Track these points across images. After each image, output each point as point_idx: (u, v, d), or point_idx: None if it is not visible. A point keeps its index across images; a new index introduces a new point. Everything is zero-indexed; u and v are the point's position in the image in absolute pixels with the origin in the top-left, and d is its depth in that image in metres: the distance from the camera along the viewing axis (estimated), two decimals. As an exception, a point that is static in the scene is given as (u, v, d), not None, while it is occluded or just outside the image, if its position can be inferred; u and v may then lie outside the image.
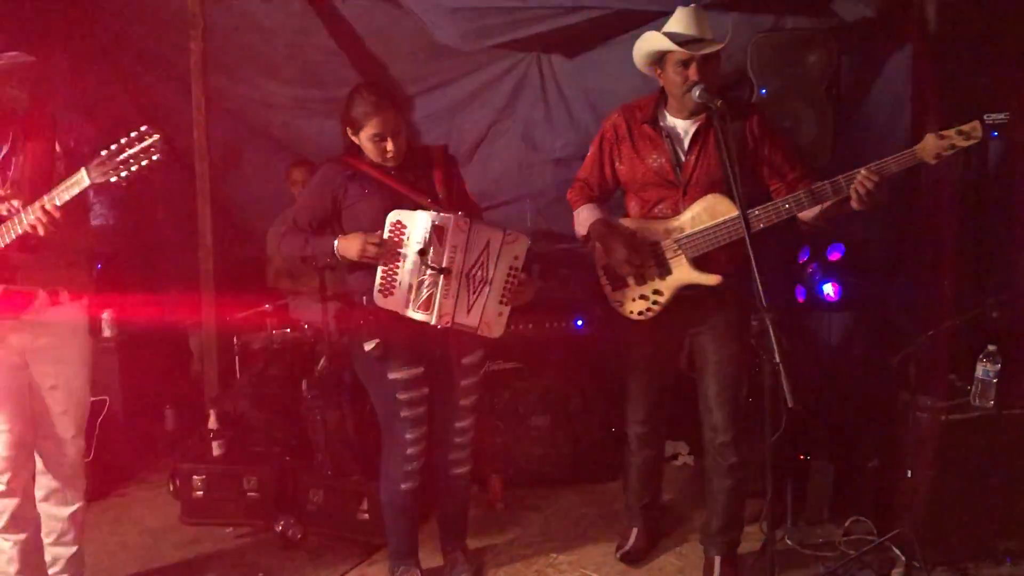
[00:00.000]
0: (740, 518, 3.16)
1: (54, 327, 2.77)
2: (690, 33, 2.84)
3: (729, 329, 3.03)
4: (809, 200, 2.77)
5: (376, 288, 2.84)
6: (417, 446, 3.04)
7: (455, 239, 2.79)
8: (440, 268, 2.79)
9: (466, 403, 3.11)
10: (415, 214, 2.81)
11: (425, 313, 2.82)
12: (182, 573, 3.38)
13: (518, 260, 2.91)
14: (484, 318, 2.89)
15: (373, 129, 2.84)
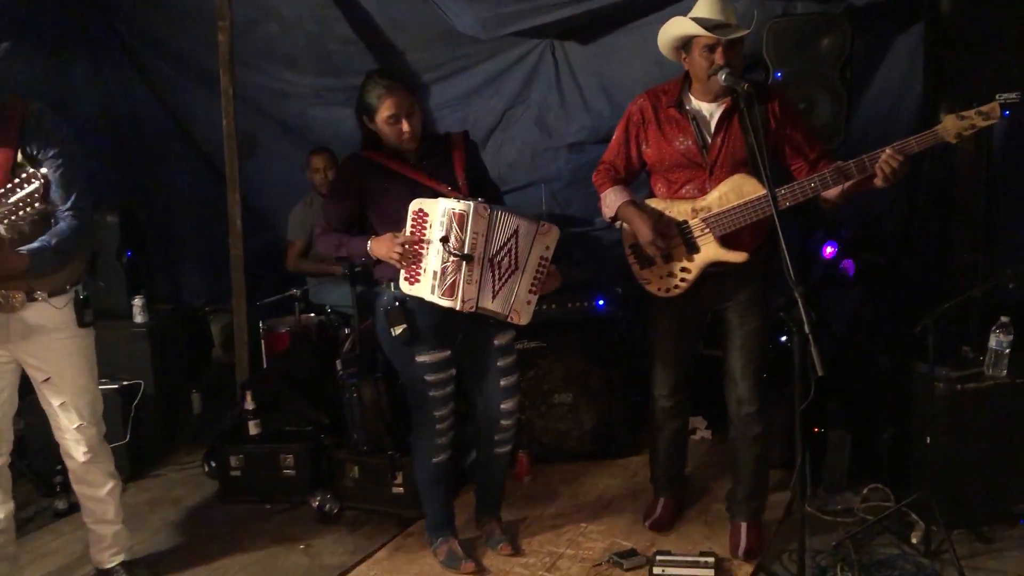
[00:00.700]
0: (765, 486, 3.29)
1: (34, 324, 2.77)
2: (716, 18, 2.93)
3: (753, 304, 3.15)
4: (835, 179, 2.87)
5: (402, 276, 2.92)
6: (446, 422, 3.15)
7: (476, 225, 2.85)
8: (462, 254, 2.84)
9: (507, 383, 3.19)
10: (436, 202, 2.86)
11: (450, 299, 2.88)
12: (225, 547, 3.49)
13: (549, 250, 3.00)
14: (514, 305, 2.98)
15: (388, 111, 2.90)
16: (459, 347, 3.12)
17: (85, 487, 3.08)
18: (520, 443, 4.03)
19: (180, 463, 4.36)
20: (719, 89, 2.98)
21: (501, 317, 2.99)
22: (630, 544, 3.31)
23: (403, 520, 3.59)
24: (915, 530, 3.23)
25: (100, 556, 3.17)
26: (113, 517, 3.14)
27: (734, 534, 3.26)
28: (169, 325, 4.61)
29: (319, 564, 3.32)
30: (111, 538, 3.15)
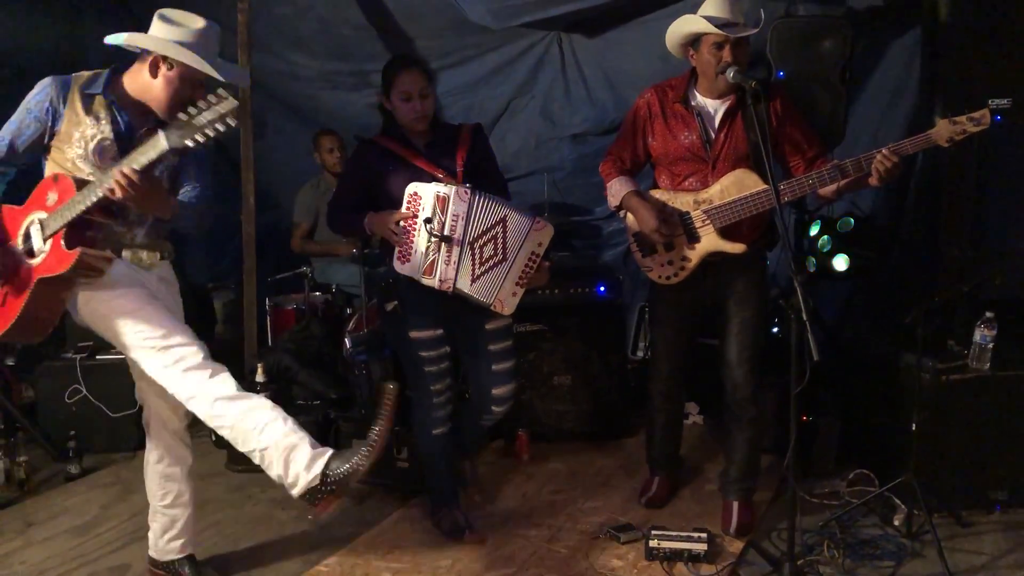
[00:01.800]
0: (757, 467, 3.43)
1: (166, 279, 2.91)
2: (725, 17, 3.06)
3: (750, 293, 3.29)
4: (832, 176, 3.01)
5: (395, 255, 3.09)
6: (443, 395, 3.30)
7: (456, 208, 3.00)
8: (441, 235, 3.00)
9: (499, 368, 3.30)
10: (428, 185, 3.03)
11: (429, 278, 3.06)
12: (234, 514, 3.62)
13: (541, 247, 3.12)
14: (499, 295, 3.10)
15: (401, 88, 3.08)
16: (452, 328, 3.26)
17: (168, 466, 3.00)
18: (520, 422, 4.19)
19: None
20: (725, 86, 3.11)
21: (483, 304, 3.11)
22: (626, 519, 3.45)
23: (407, 494, 3.72)
24: (898, 513, 3.38)
25: (166, 544, 3.04)
26: (189, 501, 3.05)
27: (726, 512, 3.41)
28: (177, 300, 4.70)
29: (327, 534, 3.44)
30: (182, 525, 3.04)
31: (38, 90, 2.64)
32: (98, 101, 2.65)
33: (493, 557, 3.21)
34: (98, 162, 2.63)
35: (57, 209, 2.57)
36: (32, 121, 2.63)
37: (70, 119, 2.63)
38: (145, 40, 2.59)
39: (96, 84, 2.65)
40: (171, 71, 2.61)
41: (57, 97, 2.63)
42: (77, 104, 2.64)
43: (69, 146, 2.64)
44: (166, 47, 2.57)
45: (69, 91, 2.64)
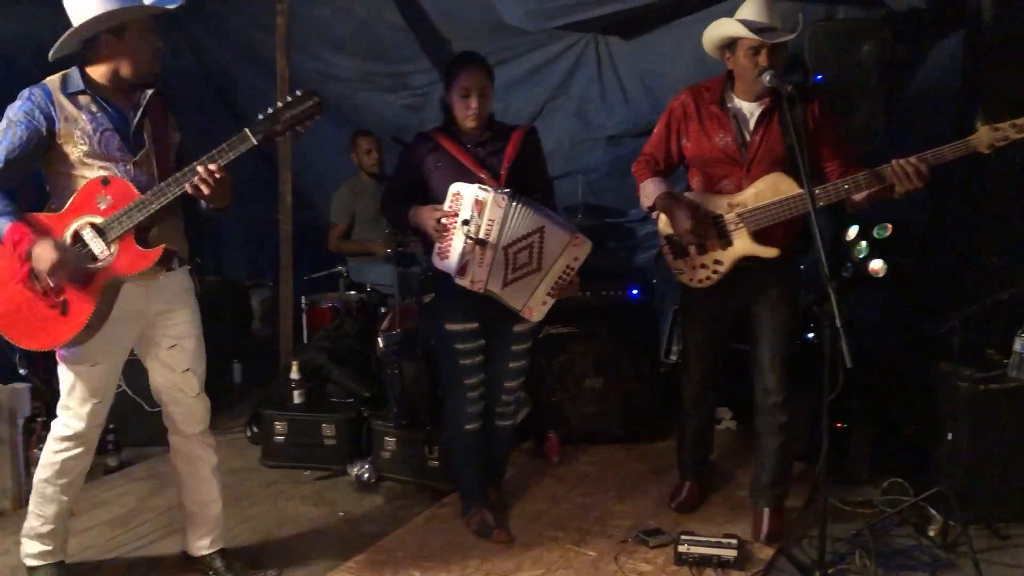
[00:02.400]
0: (788, 474, 3.40)
1: (173, 291, 2.89)
2: (762, 21, 3.04)
3: (783, 298, 3.26)
4: (868, 182, 2.97)
5: (435, 251, 3.16)
6: (477, 390, 3.34)
7: (492, 213, 3.03)
8: (476, 238, 3.04)
9: (515, 366, 3.40)
10: (470, 187, 3.07)
11: (462, 278, 3.11)
12: (267, 509, 3.67)
13: (577, 261, 3.16)
14: (530, 303, 3.17)
15: (462, 83, 3.15)
16: (485, 323, 3.30)
17: (191, 465, 3.04)
18: (550, 424, 4.20)
19: (222, 428, 4.54)
20: (761, 89, 3.09)
21: (514, 309, 3.17)
22: (656, 524, 3.44)
23: (437, 492, 3.74)
24: (933, 523, 3.33)
25: (198, 542, 3.09)
26: (216, 497, 3.09)
27: (756, 519, 3.38)
28: (216, 296, 4.79)
29: (358, 531, 3.47)
30: (212, 522, 3.08)
31: (19, 103, 2.64)
32: (84, 97, 2.69)
33: (521, 558, 3.21)
34: (106, 154, 2.69)
35: (120, 211, 2.62)
36: (24, 132, 2.63)
37: (64, 119, 2.66)
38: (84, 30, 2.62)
39: (74, 82, 2.68)
40: (120, 39, 2.65)
41: (44, 103, 2.64)
42: (67, 105, 2.66)
43: (73, 146, 2.67)
44: (103, 20, 2.59)
45: (52, 96, 2.65)
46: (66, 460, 2.85)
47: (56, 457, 2.84)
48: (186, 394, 2.97)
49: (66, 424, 2.83)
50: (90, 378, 2.79)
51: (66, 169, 2.69)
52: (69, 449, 2.84)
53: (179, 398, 2.97)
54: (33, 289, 2.66)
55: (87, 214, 2.65)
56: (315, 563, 3.20)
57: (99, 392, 2.83)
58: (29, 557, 2.95)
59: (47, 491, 2.88)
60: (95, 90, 2.71)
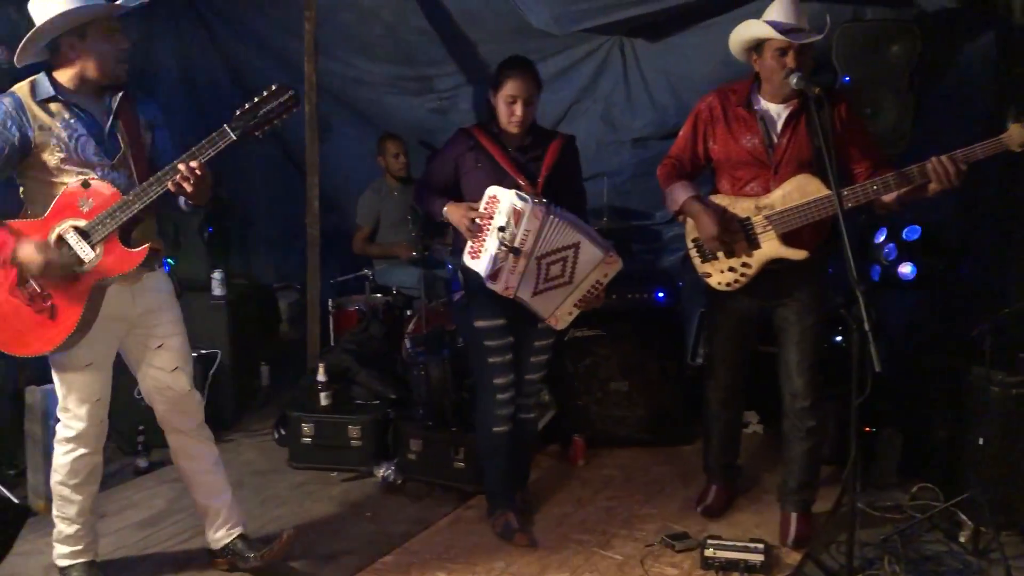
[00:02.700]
0: (816, 478, 3.38)
1: (154, 292, 2.94)
2: (789, 22, 3.03)
3: (811, 301, 3.24)
4: (897, 182, 2.94)
5: (467, 249, 3.19)
6: (506, 392, 3.36)
7: (529, 224, 3.05)
8: (511, 246, 3.07)
9: (537, 360, 3.45)
10: (507, 192, 3.09)
11: (494, 283, 3.14)
12: (295, 510, 3.69)
13: (607, 277, 3.22)
14: (557, 313, 3.23)
15: (509, 90, 3.18)
16: (511, 319, 3.33)
17: (192, 461, 3.09)
18: (576, 428, 4.19)
19: (250, 430, 4.59)
20: (788, 91, 3.07)
21: (540, 317, 3.22)
22: (682, 528, 3.43)
23: (463, 494, 3.75)
24: (963, 529, 3.29)
25: (216, 534, 3.13)
26: (224, 487, 3.14)
27: (784, 523, 3.36)
28: (244, 299, 4.84)
29: (384, 531, 3.49)
30: (226, 511, 3.13)
31: None
32: (56, 104, 2.71)
33: (547, 561, 3.22)
34: (84, 159, 2.72)
35: (104, 213, 2.66)
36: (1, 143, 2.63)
37: (39, 128, 2.67)
38: (44, 33, 2.64)
39: (45, 89, 2.69)
40: (85, 39, 2.67)
41: (16, 111, 2.65)
42: (39, 113, 2.68)
43: (49, 154, 2.68)
44: (65, 20, 2.61)
45: (24, 104, 2.66)
46: (74, 460, 2.91)
47: (65, 459, 2.91)
48: (177, 392, 3.03)
49: (68, 426, 2.89)
50: (83, 380, 2.85)
51: (44, 176, 2.71)
52: (75, 449, 2.91)
53: (171, 396, 3.03)
54: (20, 297, 2.70)
55: (69, 217, 2.68)
56: (342, 564, 3.22)
57: (95, 392, 2.89)
58: (60, 557, 3.01)
59: (63, 492, 2.95)
60: (66, 95, 2.72)
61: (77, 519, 2.98)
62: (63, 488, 2.94)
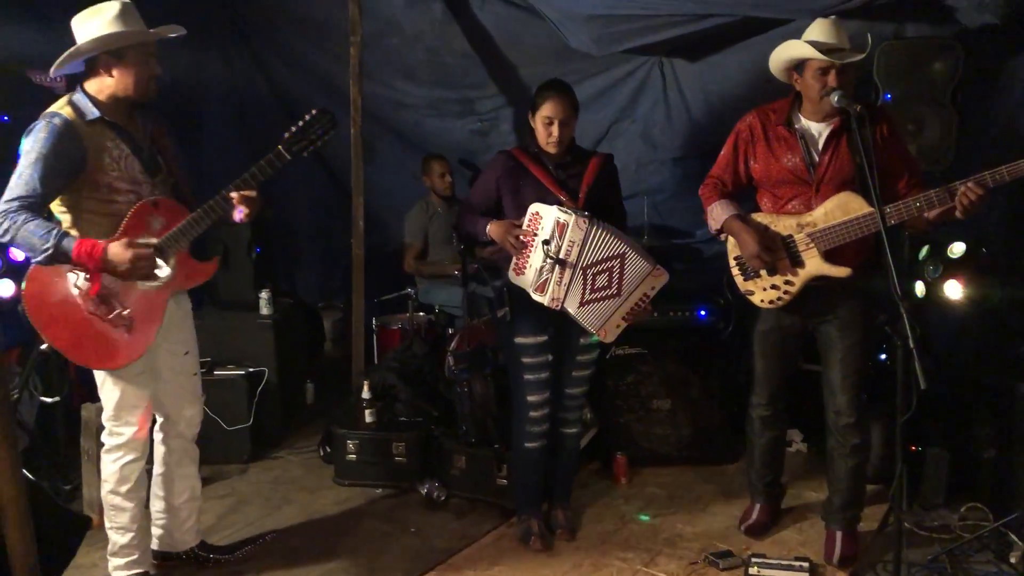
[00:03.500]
0: (861, 496, 3.36)
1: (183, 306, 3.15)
2: (830, 42, 3.05)
3: (855, 318, 3.23)
4: (941, 199, 2.94)
5: (512, 266, 3.27)
6: (540, 410, 3.41)
7: (573, 235, 3.13)
8: (556, 258, 3.15)
9: (579, 375, 3.50)
10: (550, 208, 3.18)
11: (540, 295, 3.22)
12: (341, 525, 3.74)
13: (653, 290, 3.28)
14: (606, 326, 3.27)
15: (545, 112, 3.27)
16: (553, 336, 3.39)
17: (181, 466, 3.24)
18: (618, 445, 4.21)
19: (296, 447, 4.66)
20: (829, 109, 3.09)
21: (589, 330, 3.27)
22: (726, 546, 3.42)
23: (506, 510, 3.77)
24: (1014, 550, 3.24)
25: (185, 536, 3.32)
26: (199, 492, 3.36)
27: (829, 542, 3.34)
28: (290, 318, 4.92)
29: (429, 546, 3.53)
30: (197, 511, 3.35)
31: (47, 135, 2.68)
32: (100, 124, 2.80)
33: (590, 578, 3.24)
34: (132, 177, 2.84)
35: (176, 230, 2.82)
36: (56, 165, 2.69)
37: (91, 149, 2.77)
38: (85, 48, 2.75)
39: (89, 110, 2.78)
40: (121, 61, 2.78)
41: (71, 135, 2.73)
42: (89, 133, 2.78)
43: (103, 173, 2.79)
44: (106, 41, 2.73)
45: (72, 124, 2.75)
46: (123, 467, 3.02)
47: (114, 466, 3.02)
48: (197, 396, 3.22)
49: (117, 433, 3.00)
50: (138, 384, 2.98)
51: (96, 196, 2.80)
52: (124, 456, 3.02)
53: (193, 401, 3.21)
54: (100, 314, 2.81)
55: (142, 235, 2.80)
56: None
57: (144, 398, 3.02)
58: (116, 570, 3.10)
59: (115, 501, 3.05)
60: (108, 115, 2.82)
61: (130, 526, 3.08)
62: (114, 497, 3.04)
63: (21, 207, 2.64)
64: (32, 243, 2.65)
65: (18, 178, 2.68)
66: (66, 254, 2.67)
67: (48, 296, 2.78)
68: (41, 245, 2.64)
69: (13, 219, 2.63)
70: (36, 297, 2.77)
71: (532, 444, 3.46)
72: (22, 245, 2.68)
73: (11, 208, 2.64)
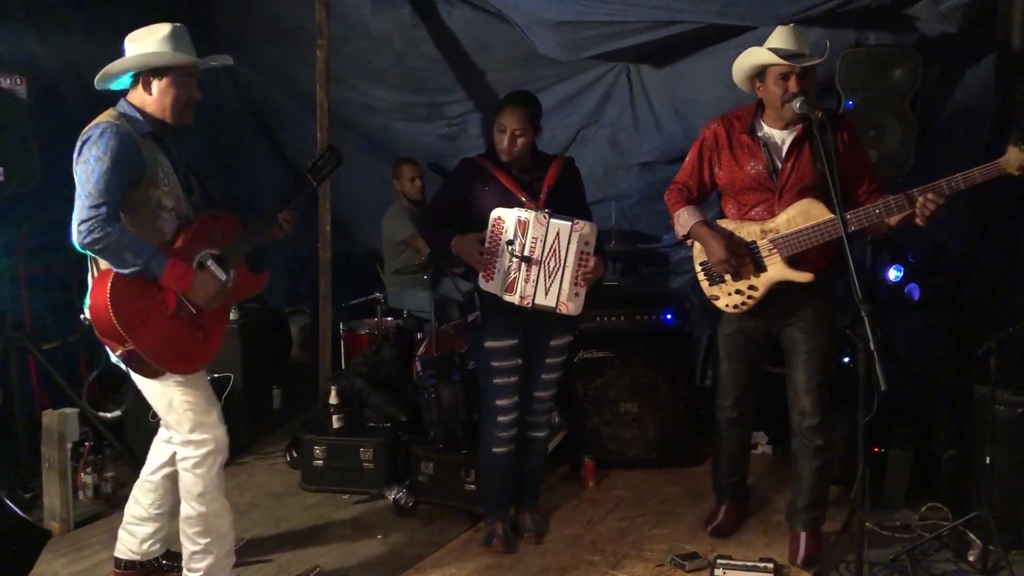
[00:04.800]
0: (825, 497, 3.40)
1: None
2: (791, 49, 3.09)
3: (818, 321, 3.27)
4: (900, 205, 2.99)
5: (480, 275, 3.30)
6: (508, 414, 3.43)
7: (535, 231, 3.21)
8: (522, 256, 3.21)
9: (548, 378, 3.52)
10: (510, 211, 3.25)
11: (510, 295, 3.26)
12: (308, 533, 3.72)
13: (588, 245, 3.28)
14: (561, 298, 3.27)
15: (501, 121, 3.32)
16: (523, 339, 3.42)
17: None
18: (586, 449, 4.23)
19: (262, 452, 4.63)
20: (792, 116, 3.13)
21: (551, 310, 3.28)
22: (692, 548, 3.45)
23: (475, 516, 3.77)
24: (972, 548, 3.31)
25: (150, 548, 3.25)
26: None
27: (793, 543, 3.38)
28: (257, 323, 4.88)
29: (396, 553, 3.52)
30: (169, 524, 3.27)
31: (116, 142, 2.68)
32: (150, 138, 2.83)
33: (558, 581, 3.25)
34: (175, 194, 2.88)
35: (235, 242, 2.91)
36: (126, 173, 2.71)
37: (150, 161, 2.79)
38: (127, 62, 2.80)
39: (140, 124, 2.80)
40: (162, 80, 2.81)
41: (133, 144, 2.73)
42: (146, 146, 2.79)
43: (156, 187, 2.81)
44: (147, 59, 2.78)
45: (133, 138, 2.74)
46: (219, 470, 3.04)
47: (211, 473, 3.01)
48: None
49: (205, 441, 2.98)
50: (204, 386, 3.01)
51: (144, 209, 2.80)
52: (217, 458, 3.02)
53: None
54: (180, 320, 2.81)
55: (205, 246, 2.85)
56: (354, 585, 3.25)
57: (214, 396, 3.07)
58: None
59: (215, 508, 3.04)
60: (155, 130, 2.85)
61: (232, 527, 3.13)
62: (215, 503, 3.03)
63: (110, 214, 2.65)
64: (123, 256, 2.67)
65: (96, 184, 2.64)
66: (155, 274, 2.71)
67: (135, 299, 2.73)
68: (133, 259, 2.67)
69: (106, 228, 2.62)
70: (121, 301, 2.70)
71: (500, 449, 3.48)
72: (110, 256, 2.67)
73: (101, 215, 2.63)
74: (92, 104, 2.89)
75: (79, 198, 2.67)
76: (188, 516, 3.03)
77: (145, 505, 3.22)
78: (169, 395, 2.94)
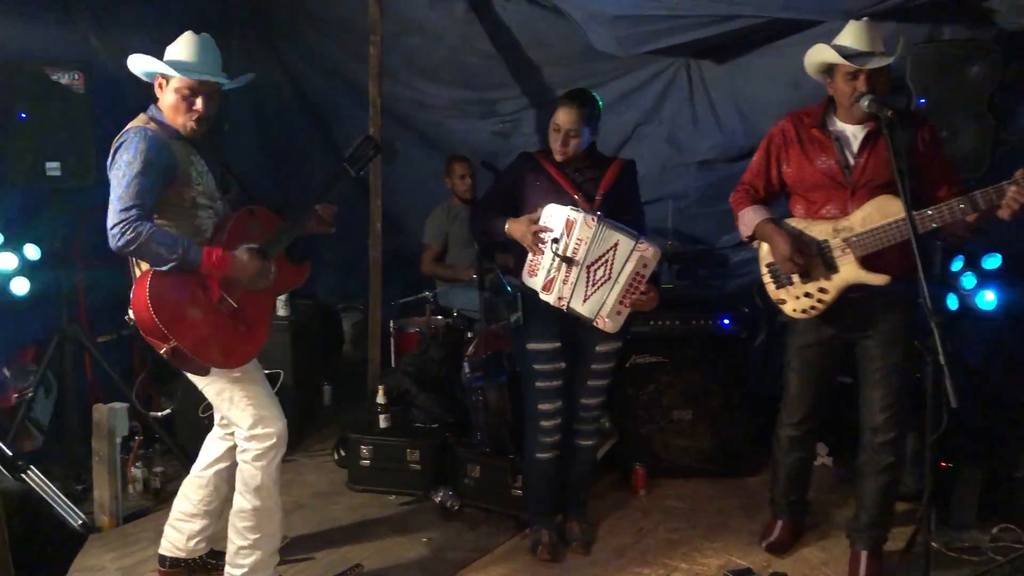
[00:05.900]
0: (890, 516, 3.24)
1: None
2: (859, 47, 2.94)
3: (897, 334, 3.09)
4: (987, 200, 2.80)
5: (526, 267, 3.24)
6: (552, 419, 3.36)
7: (582, 233, 3.11)
8: (563, 256, 3.11)
9: (595, 384, 3.42)
10: (562, 208, 3.16)
11: (547, 293, 3.19)
12: (353, 533, 3.68)
13: (647, 268, 3.16)
14: (602, 312, 3.18)
15: (556, 119, 3.25)
16: (568, 344, 3.34)
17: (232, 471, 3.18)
18: (637, 456, 4.11)
19: (311, 450, 4.62)
20: (862, 113, 2.98)
21: (588, 321, 3.20)
22: (746, 563, 3.33)
23: (521, 521, 3.69)
24: (1048, 575, 3.12)
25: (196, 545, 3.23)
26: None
27: (853, 562, 3.23)
28: (307, 320, 4.88)
29: (440, 557, 3.46)
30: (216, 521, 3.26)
31: (145, 146, 2.70)
32: (181, 139, 2.84)
33: (605, 593, 3.15)
34: (210, 193, 2.90)
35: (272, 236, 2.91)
36: (158, 176, 2.72)
37: (182, 162, 2.81)
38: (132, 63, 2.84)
39: (169, 128, 2.82)
40: (168, 84, 2.83)
41: (164, 146, 2.75)
42: (178, 149, 2.81)
43: (190, 188, 2.83)
44: (142, 64, 2.83)
45: (165, 142, 2.77)
46: (278, 464, 3.05)
47: (271, 467, 3.02)
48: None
49: (267, 435, 2.98)
50: (261, 380, 3.03)
51: (179, 209, 2.83)
52: (278, 451, 3.03)
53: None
54: (222, 315, 2.82)
55: (244, 240, 2.85)
56: (398, 590, 3.20)
57: (271, 389, 3.08)
58: None
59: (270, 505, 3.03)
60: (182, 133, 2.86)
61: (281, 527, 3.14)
62: (269, 499, 3.03)
63: (140, 216, 2.65)
64: (158, 253, 2.67)
65: (127, 188, 2.66)
66: (193, 264, 2.71)
67: (174, 296, 2.74)
68: (168, 254, 2.68)
69: (138, 228, 2.64)
70: (160, 298, 2.70)
71: (544, 454, 3.40)
72: (146, 254, 2.69)
73: (131, 217, 2.64)
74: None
75: (111, 203, 2.68)
76: (242, 510, 3.01)
77: (195, 501, 3.20)
78: (229, 392, 2.94)
